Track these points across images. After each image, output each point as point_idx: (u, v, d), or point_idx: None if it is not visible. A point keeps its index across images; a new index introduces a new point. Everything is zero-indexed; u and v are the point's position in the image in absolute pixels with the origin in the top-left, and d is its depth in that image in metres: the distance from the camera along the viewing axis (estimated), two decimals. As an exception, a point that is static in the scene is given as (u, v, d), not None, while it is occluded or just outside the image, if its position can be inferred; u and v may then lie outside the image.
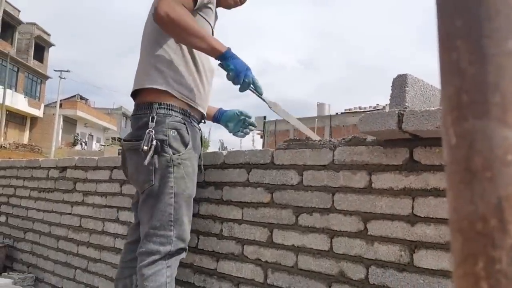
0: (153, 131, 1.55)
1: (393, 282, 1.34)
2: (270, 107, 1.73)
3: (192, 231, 1.98)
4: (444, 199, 1.26)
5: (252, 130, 1.96)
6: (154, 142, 1.53)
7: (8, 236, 3.41)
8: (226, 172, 1.89)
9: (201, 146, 1.75)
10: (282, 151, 1.70)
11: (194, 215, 1.97)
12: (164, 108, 1.60)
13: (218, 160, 1.92)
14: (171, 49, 1.64)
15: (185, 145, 1.62)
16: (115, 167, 2.50)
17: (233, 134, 1.93)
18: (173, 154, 1.58)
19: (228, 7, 1.88)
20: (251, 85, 1.61)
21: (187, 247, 1.68)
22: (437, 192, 1.28)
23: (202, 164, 1.82)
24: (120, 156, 2.19)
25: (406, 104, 1.33)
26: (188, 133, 1.63)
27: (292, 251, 1.61)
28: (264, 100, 1.71)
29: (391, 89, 1.37)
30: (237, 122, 1.94)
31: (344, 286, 1.45)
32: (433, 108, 1.16)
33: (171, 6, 1.48)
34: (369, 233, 1.41)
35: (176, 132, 1.60)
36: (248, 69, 1.58)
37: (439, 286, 1.25)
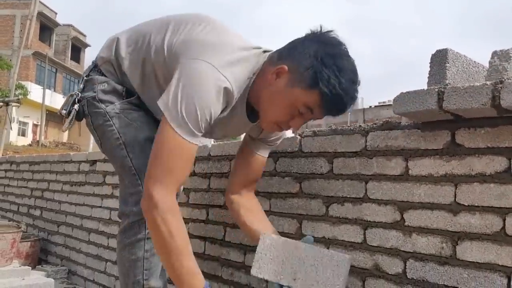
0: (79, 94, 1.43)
1: (433, 276, 1.23)
2: None
3: (218, 223, 1.92)
4: (491, 185, 1.14)
5: None
6: (76, 107, 1.41)
7: (42, 229, 3.48)
8: (252, 161, 1.81)
9: None
10: (310, 138, 1.61)
11: (220, 207, 1.91)
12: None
13: (245, 149, 1.84)
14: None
15: (121, 96, 1.42)
16: (142, 159, 2.47)
17: None
18: (107, 106, 1.40)
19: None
20: None
21: None
22: (482, 178, 1.15)
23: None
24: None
25: (447, 82, 1.21)
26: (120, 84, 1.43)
27: (322, 243, 1.52)
28: None
29: (430, 66, 1.25)
30: None
31: (380, 280, 1.35)
32: (478, 84, 1.04)
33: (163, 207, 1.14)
34: (406, 223, 1.30)
35: (106, 85, 1.41)
36: None
37: (486, 280, 1.13)
